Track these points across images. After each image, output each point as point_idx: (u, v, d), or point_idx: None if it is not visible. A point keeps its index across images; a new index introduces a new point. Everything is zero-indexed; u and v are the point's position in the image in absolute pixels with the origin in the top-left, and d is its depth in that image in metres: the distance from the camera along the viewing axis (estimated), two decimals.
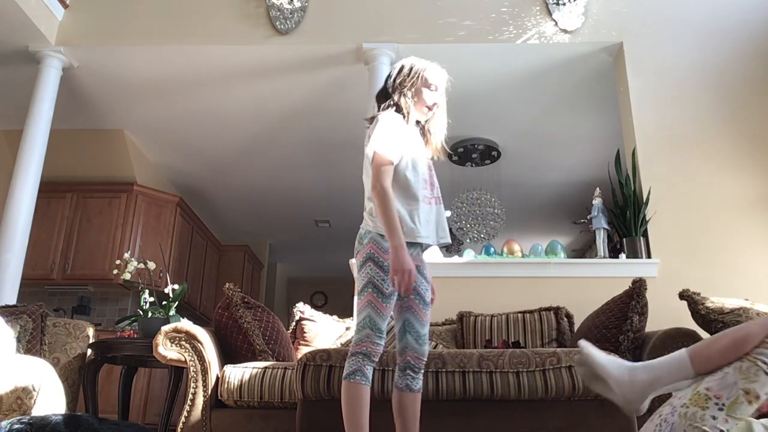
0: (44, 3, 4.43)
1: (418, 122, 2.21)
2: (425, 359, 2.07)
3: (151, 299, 3.41)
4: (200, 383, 2.59)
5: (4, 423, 1.49)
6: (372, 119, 2.17)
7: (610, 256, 4.02)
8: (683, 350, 1.56)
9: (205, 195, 7.14)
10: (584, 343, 1.66)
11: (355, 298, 2.06)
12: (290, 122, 5.53)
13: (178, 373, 2.95)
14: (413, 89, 2.15)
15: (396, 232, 1.93)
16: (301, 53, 4.57)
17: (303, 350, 3.13)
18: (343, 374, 1.94)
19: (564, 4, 4.39)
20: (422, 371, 2.07)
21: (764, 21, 4.32)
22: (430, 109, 2.16)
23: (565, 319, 3.30)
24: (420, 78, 2.16)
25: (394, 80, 2.18)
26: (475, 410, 2.28)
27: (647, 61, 4.33)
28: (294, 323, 3.40)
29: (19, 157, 4.33)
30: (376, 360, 1.96)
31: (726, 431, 1.39)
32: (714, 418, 1.40)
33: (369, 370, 1.93)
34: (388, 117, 2.11)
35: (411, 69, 2.18)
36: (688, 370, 1.54)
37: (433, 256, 3.82)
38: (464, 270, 3.84)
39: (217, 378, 2.62)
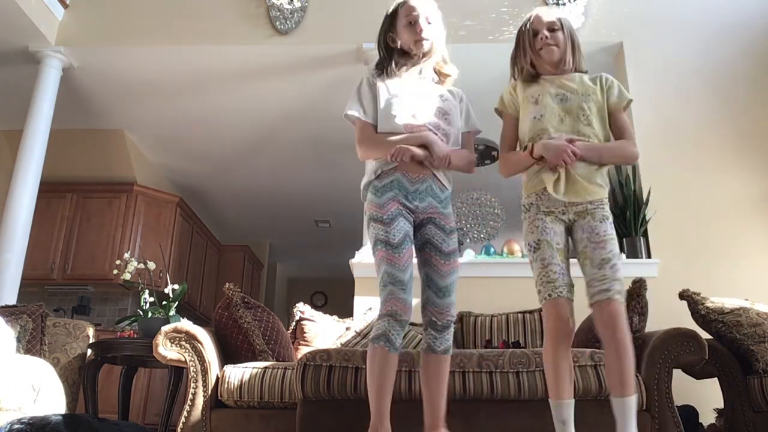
0: (44, 3, 4.43)
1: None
2: (450, 315, 1.95)
3: (151, 299, 3.41)
4: (200, 383, 2.59)
5: (4, 423, 1.49)
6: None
7: None
8: None
9: (205, 195, 7.14)
10: None
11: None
12: (290, 122, 5.53)
13: (178, 373, 2.95)
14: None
15: (386, 148, 1.99)
16: (301, 53, 4.57)
17: (303, 350, 3.12)
18: (370, 337, 1.88)
19: (564, 4, 4.39)
20: (447, 330, 1.95)
21: (764, 21, 4.32)
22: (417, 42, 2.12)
23: None
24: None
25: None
26: (475, 410, 2.28)
27: (647, 61, 4.33)
28: (294, 323, 3.39)
29: (19, 157, 4.33)
30: (406, 318, 1.86)
31: None
32: None
33: (395, 335, 1.84)
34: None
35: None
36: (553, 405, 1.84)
37: None
38: (464, 270, 3.79)
39: (217, 378, 2.62)
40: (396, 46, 2.15)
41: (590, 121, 2.02)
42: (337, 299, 9.69)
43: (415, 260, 2.00)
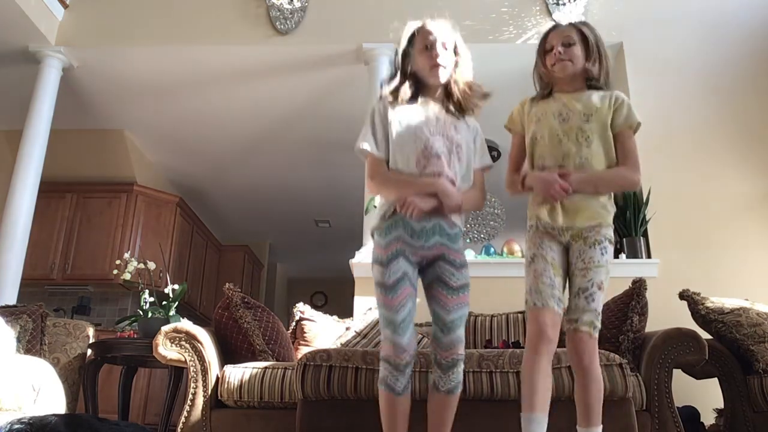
0: (44, 3, 4.43)
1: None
2: (455, 353, 1.86)
3: (151, 299, 3.41)
4: (200, 383, 2.59)
5: (4, 423, 1.49)
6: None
7: None
8: None
9: (205, 195, 7.14)
10: None
11: None
12: (290, 122, 5.53)
13: (178, 373, 2.95)
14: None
15: (394, 191, 1.94)
16: (301, 53, 4.57)
17: (303, 350, 3.12)
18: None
19: (564, 4, 4.39)
20: (453, 369, 1.86)
21: (764, 21, 4.32)
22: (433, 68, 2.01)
23: None
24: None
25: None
26: (475, 410, 2.28)
27: (647, 61, 4.33)
28: (294, 323, 3.39)
29: (19, 157, 4.34)
30: (402, 362, 1.83)
31: None
32: None
33: (394, 379, 1.82)
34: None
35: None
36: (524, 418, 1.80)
37: None
38: None
39: (217, 378, 2.62)
40: (412, 72, 2.05)
41: (590, 143, 1.95)
42: (337, 299, 9.69)
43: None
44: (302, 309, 3.43)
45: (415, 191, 1.90)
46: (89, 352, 3.27)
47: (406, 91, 2.01)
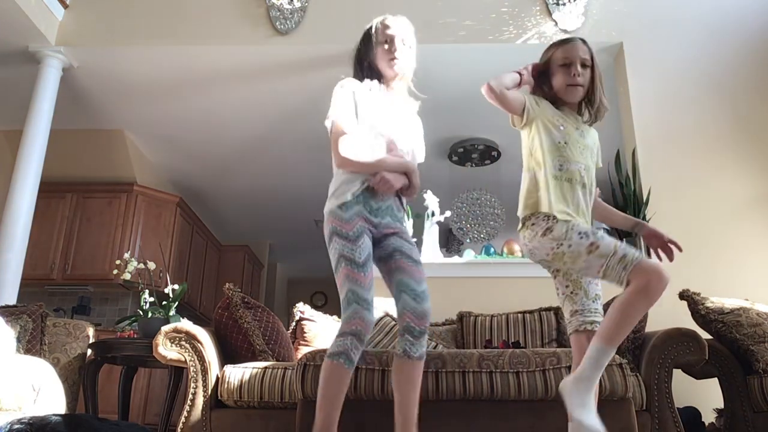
0: (44, 3, 4.43)
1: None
2: (427, 321, 1.94)
3: (151, 299, 3.41)
4: (200, 383, 2.59)
5: (4, 423, 1.49)
6: None
7: None
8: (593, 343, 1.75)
9: (205, 195, 7.14)
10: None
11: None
12: (290, 122, 5.53)
13: (178, 373, 2.95)
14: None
15: (370, 166, 2.05)
16: (301, 53, 4.57)
17: (303, 350, 3.12)
18: (328, 352, 1.90)
19: (564, 4, 4.39)
20: (424, 336, 1.93)
21: (764, 21, 4.32)
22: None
23: None
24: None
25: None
26: (475, 410, 2.28)
27: (647, 61, 4.33)
28: (294, 323, 3.39)
29: (19, 157, 4.34)
30: (367, 336, 1.88)
31: None
32: None
33: (356, 355, 1.86)
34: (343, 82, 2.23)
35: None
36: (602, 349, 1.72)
37: (432, 256, 3.82)
38: (464, 270, 3.84)
39: (217, 378, 2.62)
40: (370, 64, 2.24)
41: (595, 166, 2.05)
42: (337, 299, 9.61)
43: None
44: (302, 309, 3.43)
45: (389, 168, 2.04)
46: (89, 352, 3.27)
47: (367, 81, 2.22)
